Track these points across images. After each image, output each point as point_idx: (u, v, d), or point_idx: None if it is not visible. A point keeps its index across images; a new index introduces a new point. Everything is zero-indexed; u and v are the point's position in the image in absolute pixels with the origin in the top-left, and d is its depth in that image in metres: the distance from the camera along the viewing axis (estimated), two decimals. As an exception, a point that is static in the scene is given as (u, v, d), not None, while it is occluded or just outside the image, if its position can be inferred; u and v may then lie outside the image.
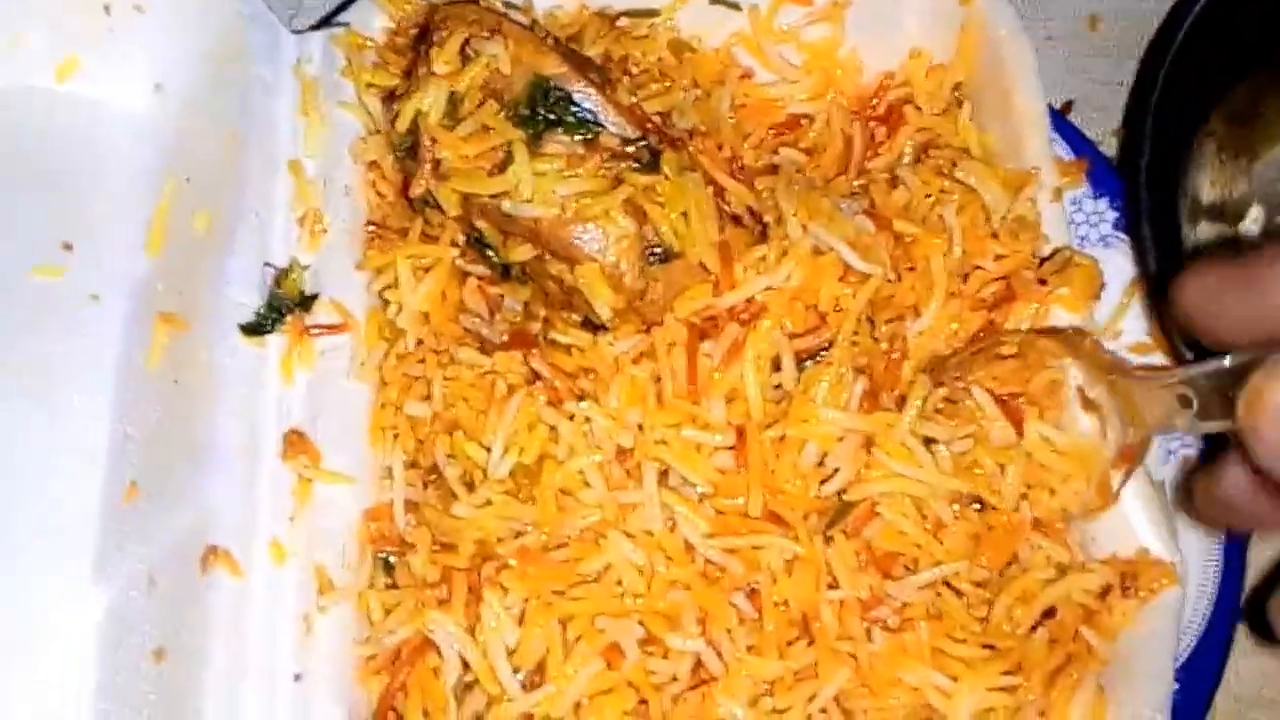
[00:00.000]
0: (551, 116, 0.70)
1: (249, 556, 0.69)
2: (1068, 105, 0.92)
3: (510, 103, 0.70)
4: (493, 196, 0.69)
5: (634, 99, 0.73)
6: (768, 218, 0.73)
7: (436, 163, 0.70)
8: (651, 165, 0.70)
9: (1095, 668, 0.69)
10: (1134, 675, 0.69)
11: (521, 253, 0.72)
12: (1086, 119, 0.91)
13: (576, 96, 0.70)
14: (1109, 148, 0.91)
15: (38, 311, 0.75)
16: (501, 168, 0.69)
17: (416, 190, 0.71)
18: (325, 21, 0.83)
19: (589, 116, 0.70)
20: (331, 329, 0.73)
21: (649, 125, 0.72)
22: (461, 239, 0.74)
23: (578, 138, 0.70)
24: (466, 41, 0.70)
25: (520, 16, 0.75)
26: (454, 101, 0.71)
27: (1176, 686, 0.70)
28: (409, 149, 0.72)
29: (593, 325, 0.72)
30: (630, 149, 0.70)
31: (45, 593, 0.70)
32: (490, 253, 0.73)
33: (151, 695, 0.67)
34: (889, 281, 0.74)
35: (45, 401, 0.73)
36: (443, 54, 0.70)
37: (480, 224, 0.72)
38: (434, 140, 0.70)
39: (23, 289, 0.76)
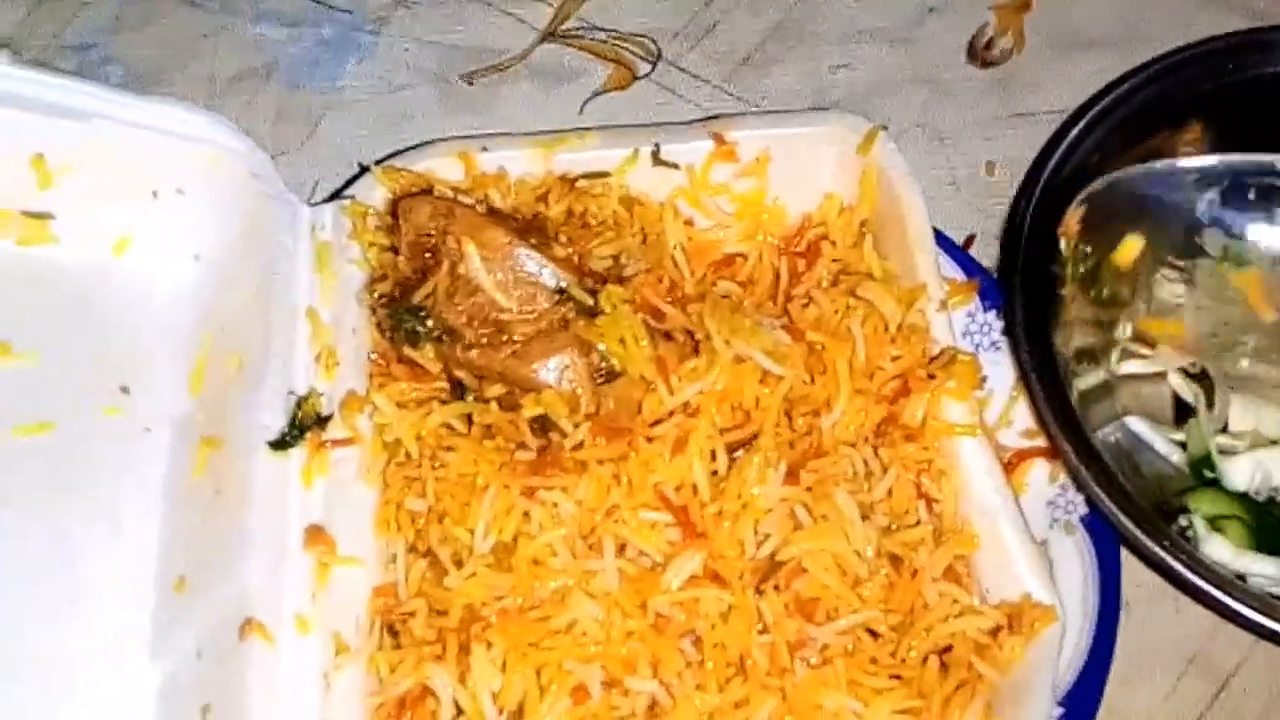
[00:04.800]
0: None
1: (279, 628, 0.82)
2: (970, 239, 1.07)
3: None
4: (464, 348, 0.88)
5: (569, 251, 0.90)
6: (698, 335, 0.88)
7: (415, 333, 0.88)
8: (592, 303, 0.88)
9: (984, 692, 0.81)
10: (1019, 699, 0.81)
11: (495, 390, 0.89)
12: (987, 248, 1.06)
13: (520, 258, 0.87)
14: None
15: (103, 441, 0.91)
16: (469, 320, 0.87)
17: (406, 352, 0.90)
18: (335, 195, 1.00)
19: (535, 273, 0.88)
20: (343, 443, 0.88)
21: (584, 270, 0.89)
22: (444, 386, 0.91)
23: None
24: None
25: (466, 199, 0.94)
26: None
27: (1061, 711, 0.83)
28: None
29: (562, 433, 0.87)
30: (571, 292, 0.88)
31: (110, 672, 0.84)
32: (469, 396, 0.89)
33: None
34: (804, 383, 0.89)
35: (109, 513, 0.88)
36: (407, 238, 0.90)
37: (458, 373, 0.89)
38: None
39: (92, 425, 0.91)
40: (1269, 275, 0.97)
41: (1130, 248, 0.96)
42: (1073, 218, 0.93)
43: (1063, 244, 0.93)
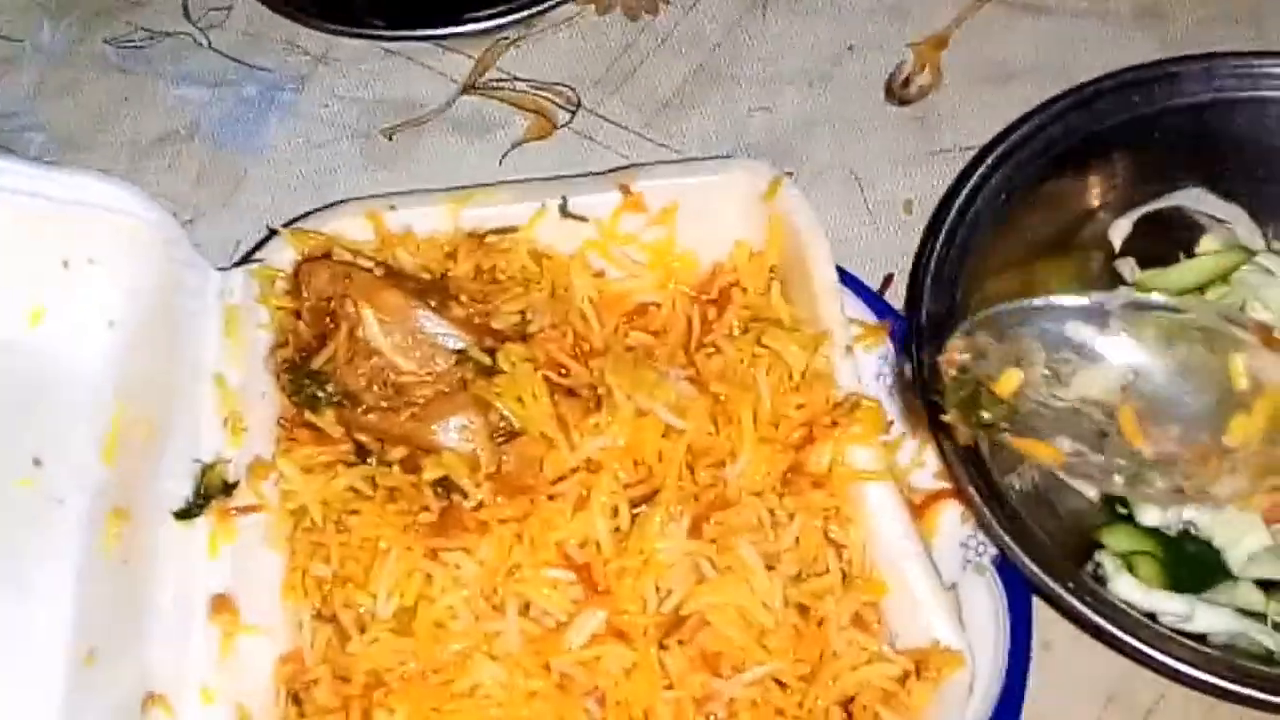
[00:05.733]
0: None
1: (182, 700, 0.82)
2: (887, 279, 1.07)
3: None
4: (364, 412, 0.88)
5: (469, 311, 0.90)
6: (600, 390, 0.88)
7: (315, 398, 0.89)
8: (490, 362, 0.88)
9: (891, 742, 0.82)
10: (927, 746, 0.82)
11: (397, 453, 0.89)
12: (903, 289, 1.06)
13: (418, 320, 0.87)
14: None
15: (15, 514, 0.90)
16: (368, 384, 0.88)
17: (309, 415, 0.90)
18: (245, 259, 1.00)
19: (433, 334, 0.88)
20: (248, 510, 0.88)
21: (486, 329, 0.89)
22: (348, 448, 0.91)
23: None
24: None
25: (366, 261, 0.94)
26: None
27: (970, 755, 0.83)
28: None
29: (464, 493, 0.87)
30: (470, 353, 0.88)
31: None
32: (371, 459, 0.89)
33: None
34: (709, 434, 0.89)
35: (21, 587, 0.88)
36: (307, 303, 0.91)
37: (360, 437, 0.89)
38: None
39: (4, 498, 0.91)
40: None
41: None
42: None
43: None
